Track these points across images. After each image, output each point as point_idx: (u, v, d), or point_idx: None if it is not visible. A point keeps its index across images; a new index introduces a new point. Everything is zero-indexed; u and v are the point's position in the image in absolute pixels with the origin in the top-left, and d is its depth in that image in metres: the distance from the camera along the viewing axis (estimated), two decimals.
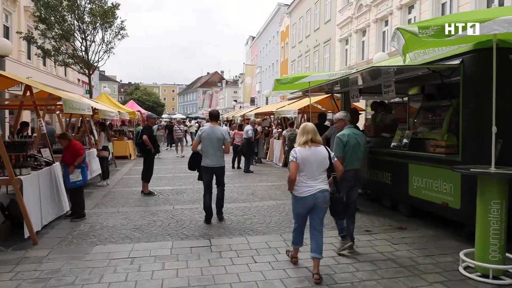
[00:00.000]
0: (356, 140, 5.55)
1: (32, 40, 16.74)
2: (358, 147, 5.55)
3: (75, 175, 7.43)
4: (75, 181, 7.44)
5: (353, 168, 5.54)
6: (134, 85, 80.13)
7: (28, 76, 20.73)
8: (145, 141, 9.65)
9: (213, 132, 7.11)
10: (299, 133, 4.82)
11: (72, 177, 7.38)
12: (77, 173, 7.45)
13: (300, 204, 4.68)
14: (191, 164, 7.48)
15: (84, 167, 7.63)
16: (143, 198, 9.55)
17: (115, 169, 15.13)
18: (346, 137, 5.52)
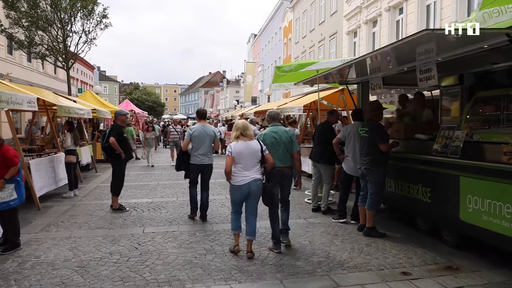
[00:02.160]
0: (274, 139, 5.54)
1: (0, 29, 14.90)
2: (277, 144, 5.52)
3: (7, 193, 5.48)
4: (7, 201, 5.49)
5: (276, 166, 5.42)
6: (134, 84, 78.38)
7: (8, 72, 18.95)
8: (113, 145, 7.73)
9: (204, 130, 7.13)
10: (232, 130, 5.45)
11: (3, 195, 5.45)
12: (10, 189, 5.52)
13: (236, 192, 5.22)
14: (179, 165, 7.39)
15: (20, 181, 5.70)
16: (111, 215, 7.62)
17: (95, 175, 13.26)
18: (262, 136, 5.62)
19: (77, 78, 49.24)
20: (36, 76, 23.82)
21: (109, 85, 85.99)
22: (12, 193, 5.52)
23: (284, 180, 5.59)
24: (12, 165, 5.48)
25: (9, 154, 5.48)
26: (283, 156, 5.54)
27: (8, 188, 5.49)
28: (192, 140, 7.11)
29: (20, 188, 5.65)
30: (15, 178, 5.58)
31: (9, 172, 5.46)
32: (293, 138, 5.64)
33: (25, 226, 6.88)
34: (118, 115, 8.18)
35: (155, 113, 62.94)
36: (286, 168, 5.58)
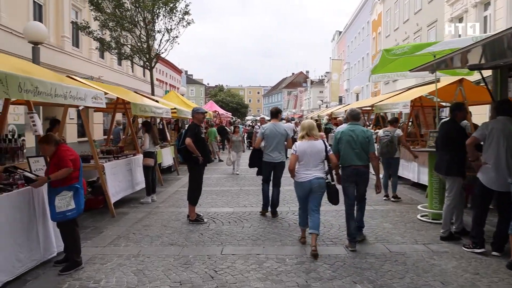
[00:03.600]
0: (350, 137, 5.52)
1: (86, 31, 15.04)
2: (353, 143, 5.49)
3: (64, 201, 4.69)
4: (64, 211, 4.69)
5: (351, 164, 5.49)
6: (218, 87, 79.98)
7: (100, 75, 19.41)
8: (189, 146, 6.75)
9: (276, 128, 7.23)
10: (299, 129, 6.00)
11: (60, 203, 4.66)
12: (68, 198, 4.72)
13: (299, 188, 5.45)
14: (252, 161, 7.69)
15: (80, 188, 4.88)
16: (187, 227, 6.64)
17: (176, 177, 12.65)
18: (339, 134, 5.67)
19: (166, 81, 51.15)
20: (125, 78, 24.43)
21: (195, 88, 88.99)
22: (69, 202, 4.73)
23: (359, 178, 5.57)
24: (62, 165, 4.65)
25: (64, 154, 4.69)
26: (359, 154, 5.49)
27: (66, 196, 4.70)
28: (264, 139, 7.26)
29: (79, 197, 4.85)
30: (73, 185, 4.78)
31: (57, 173, 4.61)
32: (371, 139, 5.58)
33: (95, 236, 6.16)
34: (195, 113, 7.17)
35: (238, 114, 63.31)
36: (362, 166, 5.53)
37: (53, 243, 5.15)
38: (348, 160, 5.51)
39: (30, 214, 4.79)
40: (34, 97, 3.83)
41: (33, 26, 9.36)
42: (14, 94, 3.51)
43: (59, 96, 4.40)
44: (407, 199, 8.66)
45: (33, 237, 4.83)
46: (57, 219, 4.70)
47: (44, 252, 4.99)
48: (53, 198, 4.64)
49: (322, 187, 5.31)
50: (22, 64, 5.17)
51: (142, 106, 8.04)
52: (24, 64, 5.32)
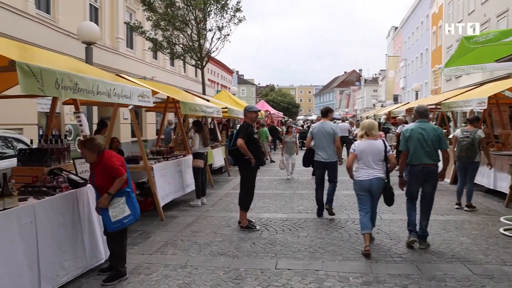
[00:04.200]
0: (420, 135, 5.37)
1: (139, 31, 15.10)
2: (424, 141, 5.35)
3: (118, 209, 4.36)
4: (121, 219, 4.37)
5: (421, 163, 5.35)
6: (270, 86, 79.72)
7: (153, 76, 19.60)
8: (240, 148, 6.27)
9: (323, 127, 7.11)
10: (359, 129, 5.81)
11: (114, 212, 4.34)
12: (121, 204, 4.39)
13: (358, 186, 5.39)
14: (305, 161, 7.78)
15: (131, 192, 4.54)
16: (238, 235, 6.18)
17: (227, 179, 12.30)
18: (408, 132, 5.50)
19: (218, 82, 51.59)
20: (177, 79, 24.62)
21: (246, 88, 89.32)
22: (124, 208, 4.42)
23: (428, 176, 5.41)
24: (116, 175, 4.33)
25: (112, 162, 4.36)
26: (429, 153, 5.36)
27: (119, 203, 4.38)
28: (313, 138, 7.18)
29: (132, 201, 4.52)
30: (124, 189, 4.45)
31: (114, 185, 4.32)
32: (442, 136, 5.42)
33: (142, 242, 5.85)
34: (247, 112, 6.68)
35: (290, 114, 62.64)
36: (432, 165, 5.40)
37: (100, 249, 4.87)
38: (418, 158, 5.36)
39: (74, 219, 4.52)
40: (73, 94, 3.50)
41: (86, 26, 9.35)
42: (50, 91, 3.18)
43: (102, 94, 4.05)
44: (482, 209, 7.67)
45: (78, 243, 4.56)
46: (114, 228, 4.35)
47: (91, 259, 4.72)
48: (105, 209, 4.34)
49: (381, 187, 5.31)
50: (75, 63, 4.95)
51: (192, 105, 7.70)
52: (77, 64, 5.10)
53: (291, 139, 12.20)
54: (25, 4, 11.50)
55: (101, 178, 4.31)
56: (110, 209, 4.34)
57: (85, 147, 4.34)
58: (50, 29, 12.49)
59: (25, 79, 2.87)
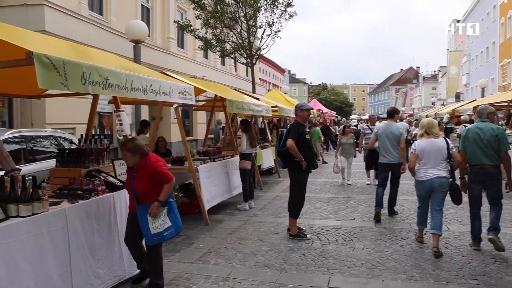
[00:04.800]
0: (476, 135, 5.20)
1: (188, 29, 14.98)
2: (480, 141, 5.15)
3: (160, 220, 3.98)
4: (161, 232, 3.98)
5: (478, 163, 5.16)
6: (322, 85, 78.28)
7: (203, 75, 19.55)
8: (291, 149, 5.75)
9: (389, 128, 6.92)
10: (419, 128, 5.81)
11: (156, 224, 3.96)
12: (163, 215, 4.01)
13: (419, 187, 5.40)
14: (368, 162, 8.11)
15: (173, 202, 4.16)
16: (286, 244, 5.67)
17: (277, 180, 11.81)
18: (465, 131, 5.44)
19: (269, 81, 51.26)
20: (228, 78, 24.49)
21: (298, 87, 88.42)
22: (165, 220, 4.02)
23: (487, 178, 5.16)
24: (165, 181, 3.97)
25: (159, 167, 3.98)
26: (487, 154, 5.13)
27: (161, 214, 4.00)
28: (377, 139, 7.04)
29: (174, 212, 4.11)
30: (168, 199, 4.06)
31: (164, 192, 3.96)
32: (501, 137, 5.09)
33: (184, 248, 5.51)
34: (299, 110, 6.12)
35: (342, 113, 60.97)
36: (491, 166, 5.11)
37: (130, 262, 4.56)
38: (474, 158, 5.20)
39: (110, 225, 4.24)
40: (103, 90, 3.17)
41: (134, 25, 9.29)
42: (75, 86, 2.84)
43: (136, 90, 3.69)
44: None
45: (115, 250, 4.27)
46: (154, 242, 3.98)
47: (129, 267, 4.42)
48: (146, 218, 3.94)
49: (444, 186, 5.18)
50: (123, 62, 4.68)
51: (239, 103, 7.29)
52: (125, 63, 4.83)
53: (348, 140, 10.99)
54: (79, 5, 11.69)
55: (144, 183, 3.93)
56: (150, 220, 3.95)
57: (127, 148, 3.92)
58: (102, 30, 12.65)
59: (44, 72, 2.55)
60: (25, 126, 10.05)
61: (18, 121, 10.07)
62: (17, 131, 6.33)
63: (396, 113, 7.35)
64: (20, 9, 10.05)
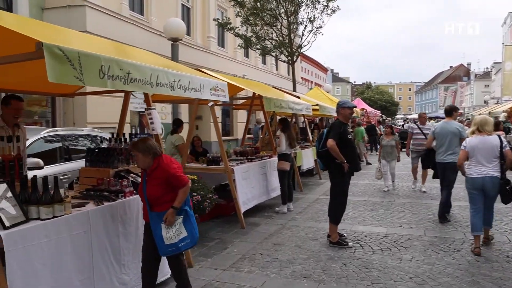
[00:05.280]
0: None
1: (227, 27, 14.76)
2: None
3: (174, 230, 3.58)
4: (176, 243, 3.58)
5: None
6: (366, 84, 76.29)
7: (244, 74, 19.38)
8: (331, 150, 5.33)
9: (447, 127, 6.66)
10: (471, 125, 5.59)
11: (169, 233, 3.57)
12: (177, 225, 3.60)
13: (469, 184, 5.20)
14: (425, 161, 7.63)
15: (189, 211, 3.72)
16: (326, 252, 5.26)
17: (318, 182, 11.37)
18: None
19: (311, 80, 50.52)
20: (270, 77, 24.17)
21: (341, 86, 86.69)
22: (180, 229, 3.62)
23: None
24: (179, 185, 3.58)
25: (173, 169, 3.59)
26: None
27: (176, 223, 3.61)
28: (435, 138, 6.84)
29: (190, 220, 3.69)
30: (182, 206, 3.65)
31: (179, 197, 3.57)
32: None
33: (217, 254, 5.23)
34: (341, 108, 5.67)
35: (388, 112, 59.09)
36: None
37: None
38: None
39: (138, 228, 4.02)
40: (124, 85, 2.91)
41: (172, 23, 9.18)
42: (92, 81, 2.60)
43: (163, 86, 3.40)
44: None
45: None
46: (168, 253, 3.61)
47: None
48: (159, 227, 3.56)
49: (495, 186, 5.04)
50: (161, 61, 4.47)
51: (277, 101, 6.94)
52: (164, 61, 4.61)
53: (389, 142, 9.75)
54: (120, 6, 11.78)
55: (157, 187, 3.56)
56: (164, 229, 3.55)
57: (138, 149, 3.57)
58: (143, 30, 12.71)
59: (55, 65, 2.32)
60: (68, 125, 10.22)
61: (60, 120, 10.25)
62: (53, 130, 6.32)
63: (454, 111, 6.99)
64: (63, 11, 10.22)
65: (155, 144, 3.64)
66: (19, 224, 2.97)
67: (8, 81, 4.33)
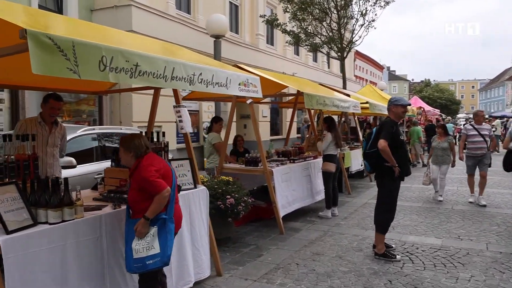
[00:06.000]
0: None
1: (275, 23, 14.31)
2: None
3: (144, 243, 3.02)
4: (142, 258, 3.00)
5: None
6: (425, 82, 72.70)
7: (294, 72, 18.93)
8: (383, 152, 4.77)
9: None
10: None
11: (138, 245, 3.01)
12: (149, 237, 3.03)
13: None
14: (505, 164, 7.05)
15: (168, 221, 3.10)
16: (369, 265, 4.73)
17: (368, 185, 10.69)
18: None
19: (366, 78, 48.83)
20: (321, 75, 23.46)
21: (398, 85, 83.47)
22: (152, 243, 3.02)
23: None
24: (153, 191, 2.99)
25: (146, 172, 3.02)
26: None
27: (148, 234, 3.02)
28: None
29: (167, 236, 3.06)
30: (159, 216, 3.06)
31: (152, 206, 2.99)
32: None
33: (250, 262, 4.87)
34: (392, 105, 5.05)
35: (448, 111, 55.88)
36: None
37: (189, 270, 4.03)
38: None
39: None
40: (130, 79, 2.60)
41: (214, 19, 8.95)
42: (89, 73, 2.27)
43: (179, 80, 3.03)
44: None
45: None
46: (134, 269, 3.04)
47: (177, 282, 3.90)
48: (131, 237, 3.06)
49: None
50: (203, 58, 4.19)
51: (320, 98, 6.43)
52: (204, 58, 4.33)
53: (441, 144, 8.36)
54: (166, 5, 11.77)
55: (135, 192, 3.10)
56: (135, 239, 3.03)
57: (122, 144, 3.20)
58: (190, 29, 12.64)
59: (42, 55, 2.04)
60: (114, 124, 10.33)
61: (107, 119, 10.38)
62: (90, 129, 6.27)
63: None
64: (110, 11, 10.35)
65: (143, 144, 3.17)
66: (25, 228, 2.79)
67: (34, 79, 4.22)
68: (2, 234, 2.65)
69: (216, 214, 5.14)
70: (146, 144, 3.19)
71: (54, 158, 4.47)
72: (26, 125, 4.36)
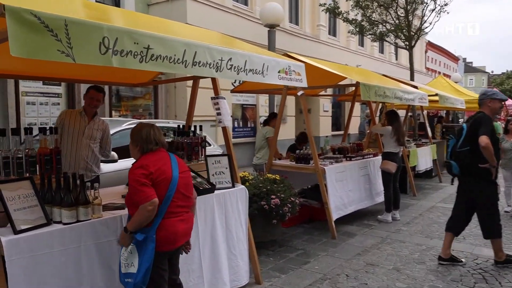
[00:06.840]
0: None
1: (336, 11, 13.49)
2: None
3: (122, 258, 2.60)
4: (123, 274, 2.58)
5: None
6: (506, 73, 66.72)
7: (358, 64, 18.02)
8: (485, 150, 4.08)
9: None
10: None
11: (124, 259, 2.59)
12: (126, 252, 2.58)
13: None
14: None
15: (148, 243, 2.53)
16: (433, 282, 4.07)
17: (437, 186, 9.73)
18: None
19: (439, 70, 45.79)
20: (388, 67, 22.10)
21: (475, 77, 77.57)
22: (131, 260, 2.56)
23: None
24: (136, 199, 2.54)
25: (134, 174, 2.58)
26: None
27: (128, 249, 2.59)
28: None
29: (144, 257, 2.52)
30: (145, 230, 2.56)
31: (133, 219, 2.56)
32: None
33: (293, 270, 4.41)
34: (488, 98, 4.38)
35: None
36: None
37: (223, 278, 3.67)
38: None
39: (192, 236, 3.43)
40: (140, 64, 2.11)
41: (268, 8, 8.53)
42: (86, 56, 1.92)
43: (202, 66, 2.56)
44: None
45: (193, 268, 3.44)
46: (121, 281, 2.62)
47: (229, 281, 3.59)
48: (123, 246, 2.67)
49: None
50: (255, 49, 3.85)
51: (379, 89, 5.75)
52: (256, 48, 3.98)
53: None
54: None
55: (127, 195, 2.68)
56: (122, 251, 2.64)
57: (130, 136, 2.81)
58: (247, 21, 12.33)
59: (27, 34, 1.75)
60: (170, 117, 10.31)
61: (162, 113, 10.39)
62: (134, 122, 6.14)
63: None
64: (166, 5, 10.32)
65: (152, 138, 2.70)
66: (36, 228, 2.57)
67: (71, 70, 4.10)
68: (10, 234, 2.45)
69: (259, 215, 4.75)
70: (157, 139, 2.71)
71: (90, 150, 4.33)
72: (65, 116, 4.31)
